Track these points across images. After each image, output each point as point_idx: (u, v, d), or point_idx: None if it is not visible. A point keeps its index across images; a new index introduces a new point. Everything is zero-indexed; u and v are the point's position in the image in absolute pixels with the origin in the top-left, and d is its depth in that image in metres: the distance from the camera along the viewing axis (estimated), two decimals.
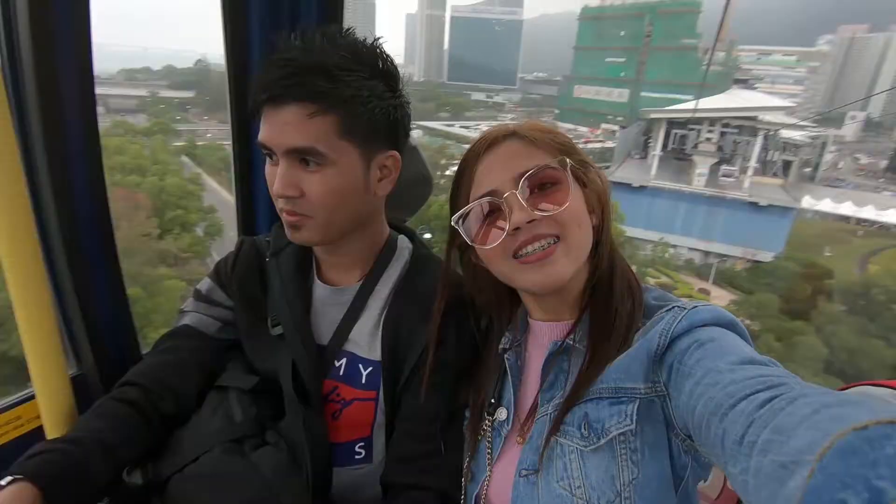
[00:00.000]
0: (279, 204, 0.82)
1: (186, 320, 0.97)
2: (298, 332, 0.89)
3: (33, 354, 0.83)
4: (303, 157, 0.77)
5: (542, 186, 0.71)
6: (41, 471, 0.68)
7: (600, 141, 55.29)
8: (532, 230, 0.70)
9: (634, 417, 0.63)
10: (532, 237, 0.70)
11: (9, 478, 0.66)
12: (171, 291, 11.97)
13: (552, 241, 0.70)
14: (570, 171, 0.71)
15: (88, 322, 1.01)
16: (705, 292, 23.19)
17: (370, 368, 0.90)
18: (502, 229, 0.71)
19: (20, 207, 0.77)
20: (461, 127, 61.61)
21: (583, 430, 0.67)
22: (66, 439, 0.75)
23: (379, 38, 0.83)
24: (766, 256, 26.31)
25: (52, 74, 0.88)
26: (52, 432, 0.87)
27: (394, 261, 0.94)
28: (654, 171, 36.59)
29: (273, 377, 0.90)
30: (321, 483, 0.88)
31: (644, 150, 39.88)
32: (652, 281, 23.94)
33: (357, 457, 0.93)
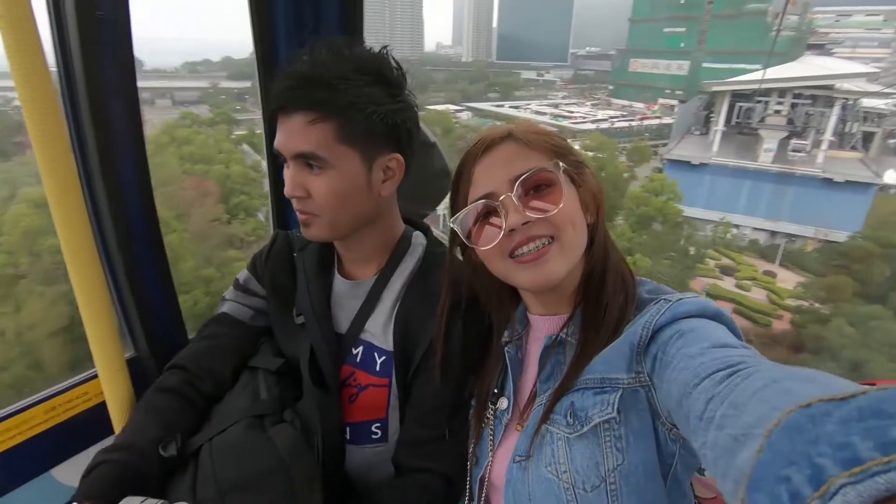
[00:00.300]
0: (294, 204, 0.90)
1: (225, 308, 1.08)
2: (317, 322, 0.97)
3: (94, 339, 0.95)
4: (307, 161, 0.85)
5: (536, 188, 0.73)
6: (103, 489, 0.78)
7: (657, 117, 52.91)
8: (527, 231, 0.73)
9: (616, 406, 0.66)
10: (527, 238, 0.73)
11: None
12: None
13: (547, 242, 0.73)
14: (563, 173, 0.73)
15: (142, 311, 1.12)
16: (770, 274, 21.98)
17: (384, 357, 0.96)
18: (499, 229, 0.73)
19: (77, 209, 0.87)
20: (511, 107, 60.71)
21: (568, 418, 0.70)
22: (119, 446, 0.85)
23: (387, 47, 0.90)
24: (841, 236, 24.53)
25: (100, 91, 0.96)
26: (113, 408, 1.00)
27: (407, 256, 0.99)
28: (716, 147, 34.70)
29: (297, 361, 0.98)
30: (333, 460, 0.95)
31: (705, 125, 37.83)
32: (711, 263, 22.98)
33: (373, 437, 0.99)
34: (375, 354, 0.96)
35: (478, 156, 0.78)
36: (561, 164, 0.74)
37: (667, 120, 49.18)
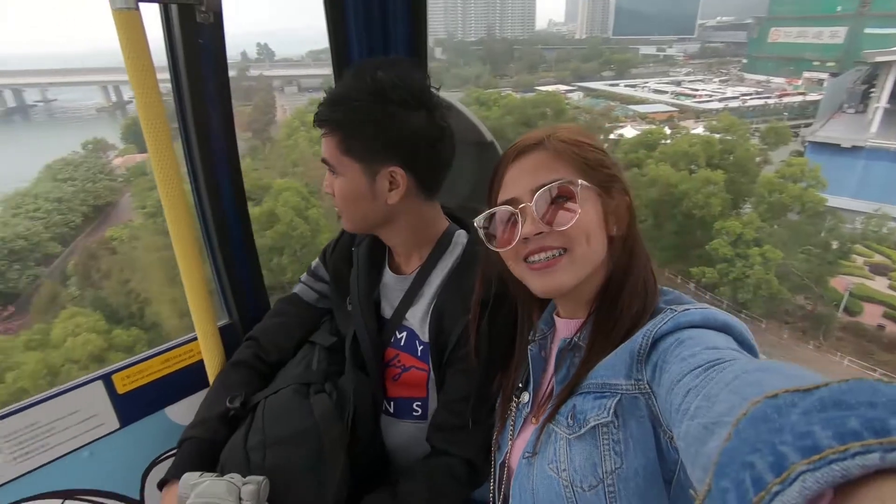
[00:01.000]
0: None
1: (297, 289, 1.25)
2: (361, 310, 1.08)
3: (194, 309, 1.17)
4: (327, 166, 0.99)
5: (556, 200, 0.75)
6: (185, 464, 0.97)
7: (801, 93, 46.73)
8: (540, 241, 0.75)
9: (611, 411, 0.67)
10: (539, 248, 0.76)
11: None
12: None
13: (558, 253, 0.75)
14: (585, 188, 0.75)
15: (233, 288, 1.32)
16: None
17: (423, 346, 1.05)
18: (516, 234, 0.77)
19: (181, 205, 1.06)
20: (626, 86, 57.25)
21: (569, 419, 0.72)
22: (197, 422, 1.05)
23: (429, 81, 0.99)
24: None
25: (201, 103, 1.14)
26: (208, 365, 1.21)
27: (447, 254, 1.06)
28: (874, 127, 29.85)
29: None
30: (365, 430, 1.05)
31: (862, 102, 32.71)
32: (860, 260, 20.16)
33: (414, 413, 1.09)
34: (416, 342, 1.06)
35: (510, 160, 0.80)
36: (582, 180, 0.74)
37: (812, 96, 43.29)
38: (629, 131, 29.89)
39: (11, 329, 15.60)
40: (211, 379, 1.21)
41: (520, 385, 0.88)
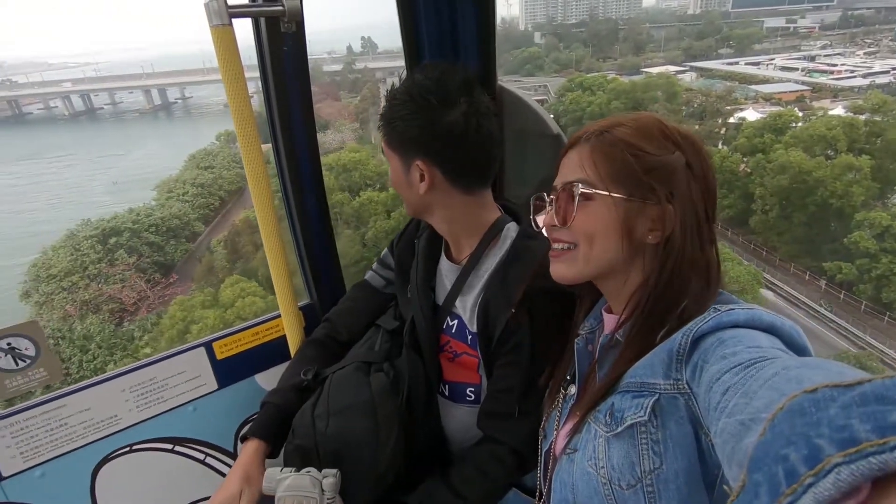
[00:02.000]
0: None
1: (367, 276, 1.35)
2: (418, 297, 1.15)
3: (279, 290, 1.30)
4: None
5: (572, 198, 0.77)
6: (262, 429, 1.10)
7: None
8: (552, 233, 0.81)
9: (648, 410, 0.66)
10: (554, 238, 0.81)
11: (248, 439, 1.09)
12: None
13: (568, 247, 0.79)
14: (595, 194, 0.75)
15: (314, 272, 1.44)
16: None
17: (472, 335, 1.10)
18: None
19: (268, 196, 1.17)
20: (748, 64, 52.09)
21: (607, 417, 0.72)
22: (276, 391, 1.17)
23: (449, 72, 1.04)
24: None
25: (285, 105, 1.24)
26: (290, 340, 1.34)
27: (497, 246, 1.09)
28: None
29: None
30: (420, 408, 1.13)
31: None
32: None
33: (468, 399, 1.15)
34: (466, 330, 1.11)
35: (565, 150, 0.83)
36: (597, 188, 0.75)
37: None
38: (751, 114, 27.40)
39: (183, 291, 18.45)
40: (292, 352, 1.35)
41: (567, 377, 0.89)
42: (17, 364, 1.16)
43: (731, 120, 27.27)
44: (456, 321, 1.13)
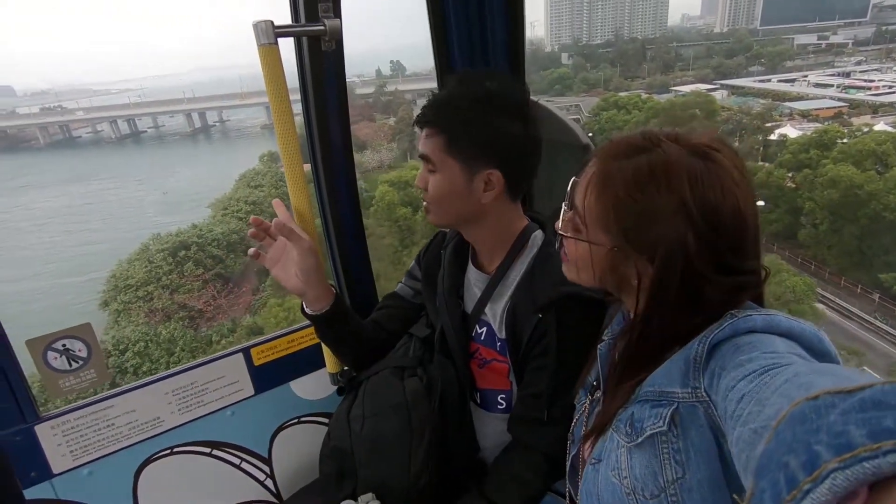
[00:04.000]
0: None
1: (397, 287, 1.36)
2: (447, 305, 1.16)
3: None
4: (427, 163, 1.04)
5: (567, 229, 0.79)
6: (336, 305, 1.12)
7: None
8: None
9: (667, 420, 0.65)
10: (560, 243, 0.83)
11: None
12: None
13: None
14: (579, 223, 0.75)
15: (348, 282, 1.47)
16: None
17: (500, 342, 1.10)
18: None
19: (308, 209, 1.14)
20: (780, 81, 51.85)
21: (627, 427, 0.71)
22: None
23: (525, 84, 1.10)
24: None
25: (325, 124, 1.29)
26: (325, 350, 1.29)
27: (525, 254, 1.09)
28: None
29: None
30: (453, 414, 1.15)
31: None
32: None
33: (499, 406, 1.15)
34: (494, 337, 1.11)
35: (588, 161, 0.80)
36: (578, 229, 0.75)
37: None
38: (790, 131, 27.42)
39: (250, 300, 19.51)
40: (327, 360, 1.32)
41: (594, 382, 0.87)
42: (70, 365, 1.19)
43: (772, 137, 27.31)
44: (485, 328, 1.13)
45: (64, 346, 1.17)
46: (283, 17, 1.15)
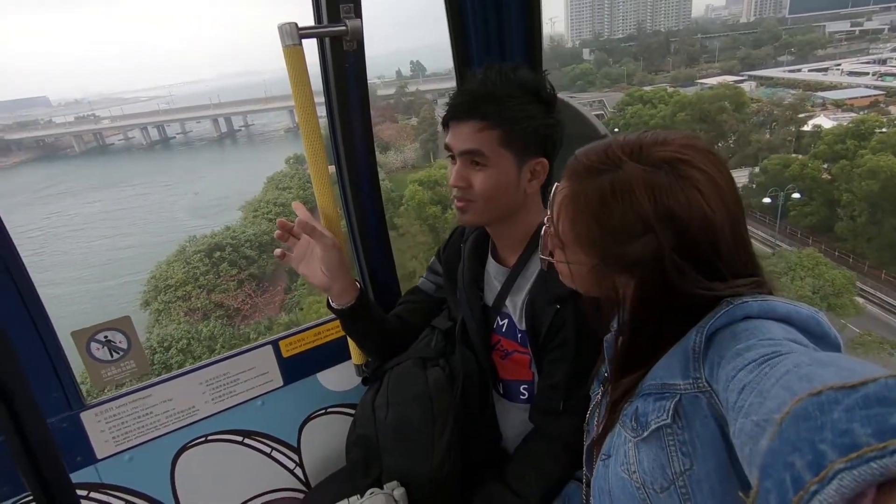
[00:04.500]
0: (453, 193, 1.08)
1: (419, 282, 1.39)
2: (467, 298, 1.19)
3: None
4: (472, 158, 1.03)
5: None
6: (360, 298, 1.17)
7: None
8: None
9: (670, 412, 0.64)
10: None
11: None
12: None
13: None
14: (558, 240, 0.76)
15: (371, 275, 1.49)
16: None
17: (521, 334, 1.12)
18: None
19: (332, 205, 1.17)
20: (812, 70, 50.37)
21: (633, 422, 0.71)
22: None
23: (546, 71, 1.14)
24: None
25: (347, 122, 1.32)
26: (351, 341, 1.33)
27: None
28: None
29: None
30: (475, 404, 1.17)
31: None
32: None
33: (522, 397, 1.17)
34: (515, 329, 1.13)
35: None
36: (559, 248, 0.76)
37: None
38: (824, 121, 26.65)
39: (283, 298, 20.00)
40: (352, 352, 1.37)
41: (606, 374, 0.87)
42: (112, 356, 1.23)
43: (806, 128, 26.58)
44: (506, 320, 1.15)
45: (106, 337, 1.22)
46: (307, 19, 1.19)
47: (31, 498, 0.64)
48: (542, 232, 0.79)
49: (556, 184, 0.76)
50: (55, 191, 45.02)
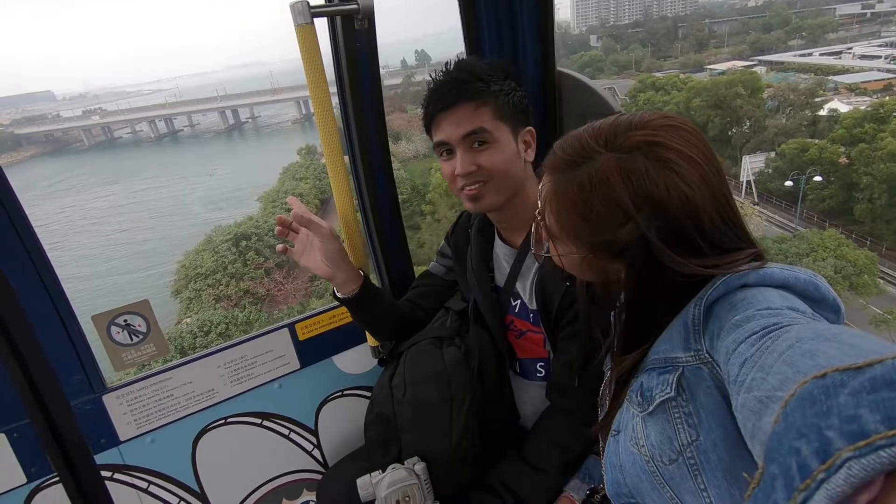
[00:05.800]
0: (459, 185, 1.08)
1: (431, 266, 1.43)
2: (477, 279, 1.21)
3: None
4: (476, 139, 1.04)
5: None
6: (365, 287, 1.19)
7: None
8: None
9: (674, 385, 0.65)
10: None
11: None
12: None
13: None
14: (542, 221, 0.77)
15: (386, 261, 1.50)
16: None
17: (533, 313, 1.14)
18: None
19: (346, 189, 1.19)
20: (822, 54, 49.90)
21: (638, 397, 0.71)
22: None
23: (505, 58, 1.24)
24: None
25: (359, 100, 1.31)
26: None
27: None
28: None
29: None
30: (491, 382, 1.18)
31: None
32: None
33: (538, 374, 1.19)
34: (527, 309, 1.16)
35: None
36: (551, 239, 0.77)
37: None
38: (839, 105, 26.58)
39: (310, 286, 20.34)
40: (368, 335, 1.42)
41: (616, 349, 0.85)
42: (131, 339, 1.23)
43: (822, 112, 26.51)
44: (518, 301, 1.17)
45: (125, 321, 1.22)
46: None
47: (57, 479, 0.66)
48: (533, 226, 0.80)
49: (543, 177, 0.77)
50: (69, 185, 45.24)
